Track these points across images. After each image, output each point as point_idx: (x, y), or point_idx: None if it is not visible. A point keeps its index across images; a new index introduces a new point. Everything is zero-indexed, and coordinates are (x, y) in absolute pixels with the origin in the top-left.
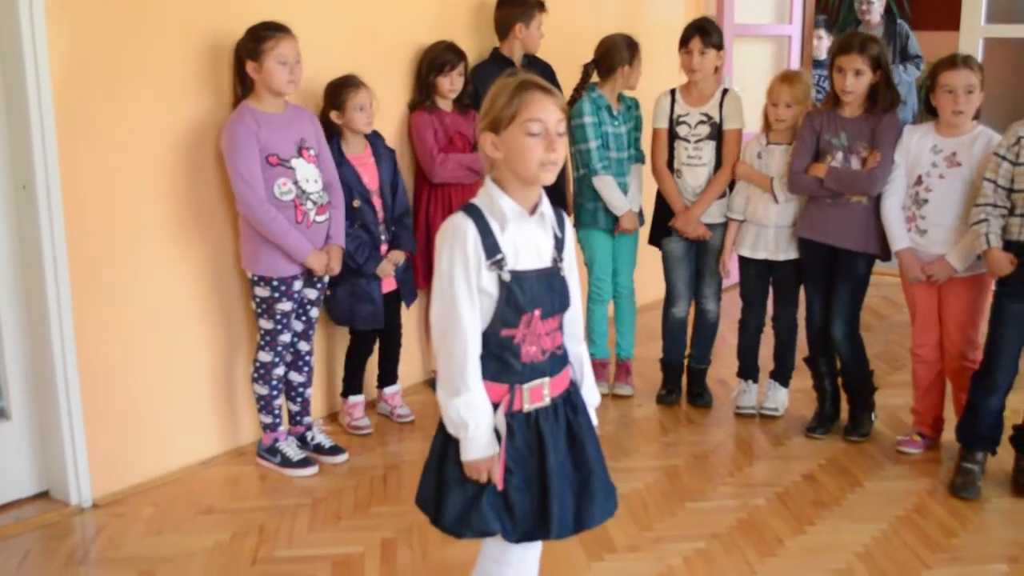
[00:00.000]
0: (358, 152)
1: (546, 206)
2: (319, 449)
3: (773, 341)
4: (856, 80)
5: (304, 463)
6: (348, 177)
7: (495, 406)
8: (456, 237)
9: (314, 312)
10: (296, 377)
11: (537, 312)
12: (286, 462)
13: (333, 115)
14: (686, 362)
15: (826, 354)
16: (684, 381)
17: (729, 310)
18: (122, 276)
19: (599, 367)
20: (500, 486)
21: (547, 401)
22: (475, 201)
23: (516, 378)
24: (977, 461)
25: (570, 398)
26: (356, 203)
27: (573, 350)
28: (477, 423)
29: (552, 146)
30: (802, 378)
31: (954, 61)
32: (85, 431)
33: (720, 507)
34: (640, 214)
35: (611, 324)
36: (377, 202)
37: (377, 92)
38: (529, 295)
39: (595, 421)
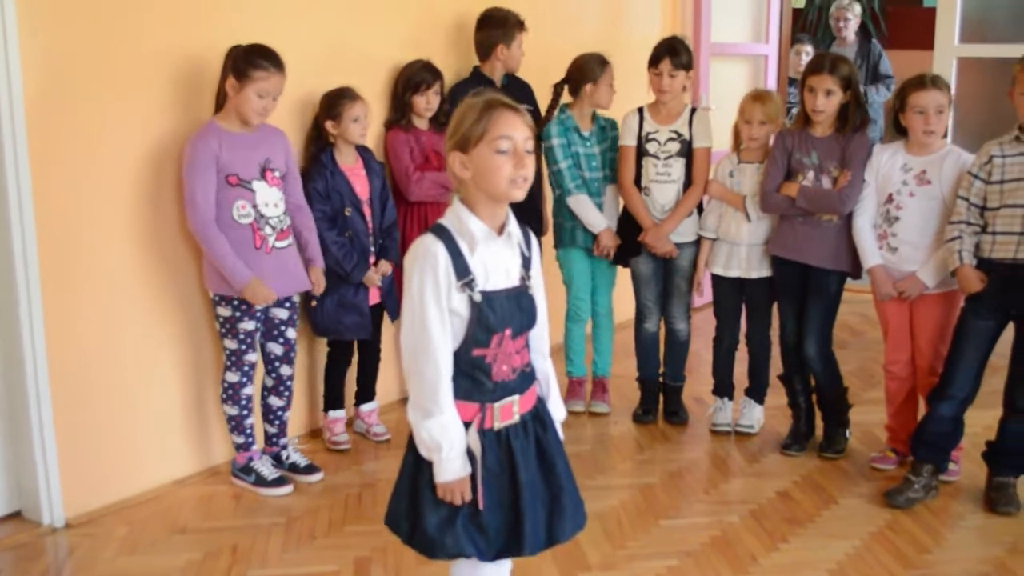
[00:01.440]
0: (350, 163)
1: (513, 225)
2: (294, 468)
3: (747, 359)
4: (827, 100)
5: (279, 482)
6: (341, 186)
7: (467, 425)
8: (427, 260)
9: (291, 333)
10: (276, 401)
11: (508, 331)
12: (260, 481)
13: (328, 125)
14: (661, 380)
15: (800, 371)
16: (660, 399)
17: (704, 328)
18: (94, 295)
19: (576, 385)
20: (481, 505)
21: (516, 418)
22: (443, 222)
23: (487, 397)
24: (920, 474)
25: (539, 414)
26: (348, 211)
27: (540, 366)
28: (451, 444)
29: (521, 163)
30: (778, 395)
31: (923, 82)
32: (58, 450)
33: (694, 524)
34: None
35: (589, 342)
36: (368, 212)
37: (368, 109)
38: (500, 315)
39: (562, 435)
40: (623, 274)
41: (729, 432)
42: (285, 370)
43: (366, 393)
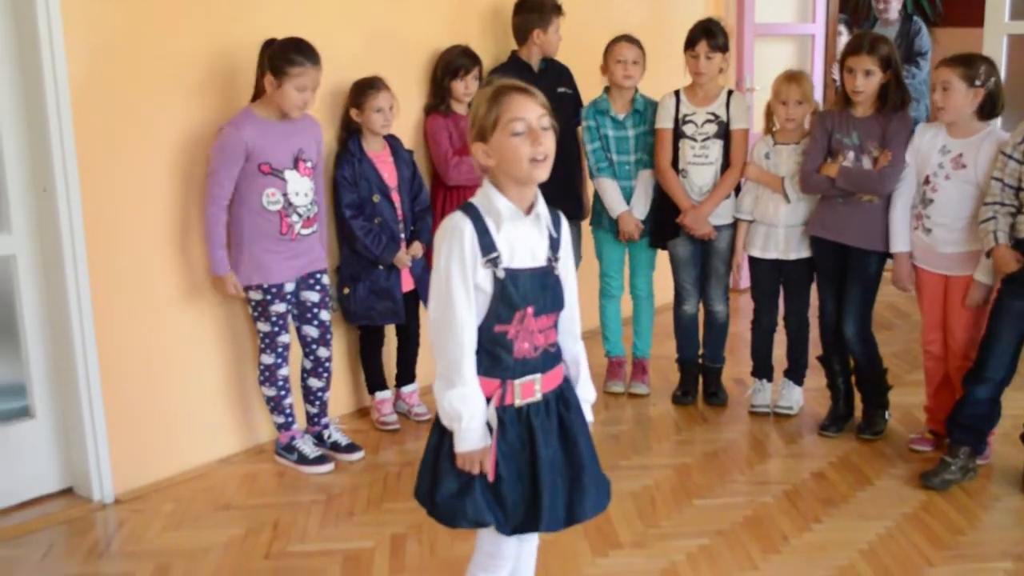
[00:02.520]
0: (377, 150)
1: (541, 207)
2: (336, 447)
3: (786, 340)
4: (866, 80)
5: (320, 460)
6: (368, 173)
7: (487, 400)
8: (454, 235)
9: (324, 315)
10: (315, 383)
11: (530, 309)
12: (302, 459)
13: (353, 113)
14: (700, 361)
15: (839, 352)
16: (700, 381)
17: (745, 309)
18: (139, 277)
19: (615, 365)
20: (492, 477)
21: (538, 396)
22: (473, 201)
23: (508, 373)
24: (957, 456)
25: (563, 394)
26: (376, 198)
27: (569, 348)
28: (471, 415)
29: (538, 140)
30: (817, 377)
31: (941, 60)
32: (107, 429)
33: (727, 504)
34: (646, 221)
35: (629, 324)
36: (396, 198)
37: (394, 99)
38: (522, 292)
39: (591, 417)
40: (663, 257)
41: (768, 413)
42: (323, 352)
43: (406, 375)
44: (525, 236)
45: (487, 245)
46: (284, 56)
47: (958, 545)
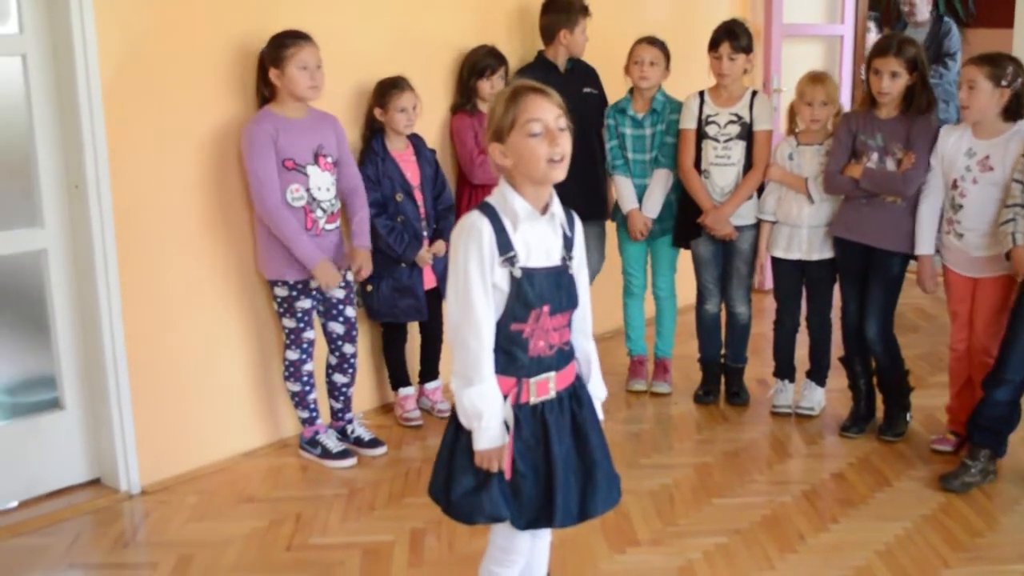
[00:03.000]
0: (400, 149)
1: (556, 207)
2: (359, 442)
3: (808, 341)
4: (892, 82)
5: (343, 455)
6: (391, 172)
7: (503, 398)
8: (471, 235)
9: (349, 311)
10: (340, 379)
11: (546, 308)
12: (326, 454)
13: (377, 112)
14: (723, 361)
15: (861, 354)
16: (722, 380)
17: (769, 309)
18: (167, 273)
19: (636, 364)
20: (508, 475)
21: (553, 394)
22: (489, 200)
23: (523, 372)
24: (977, 458)
25: (576, 392)
26: (399, 196)
27: (581, 346)
28: (491, 413)
29: (555, 141)
30: (839, 378)
31: (967, 59)
32: (135, 422)
33: (746, 503)
34: (660, 220)
35: (652, 324)
36: (419, 197)
37: (420, 94)
38: (538, 291)
39: (601, 415)
40: (684, 257)
41: (789, 414)
42: (348, 348)
43: (430, 372)
44: (541, 236)
45: (504, 244)
46: (277, 44)
47: (976, 547)
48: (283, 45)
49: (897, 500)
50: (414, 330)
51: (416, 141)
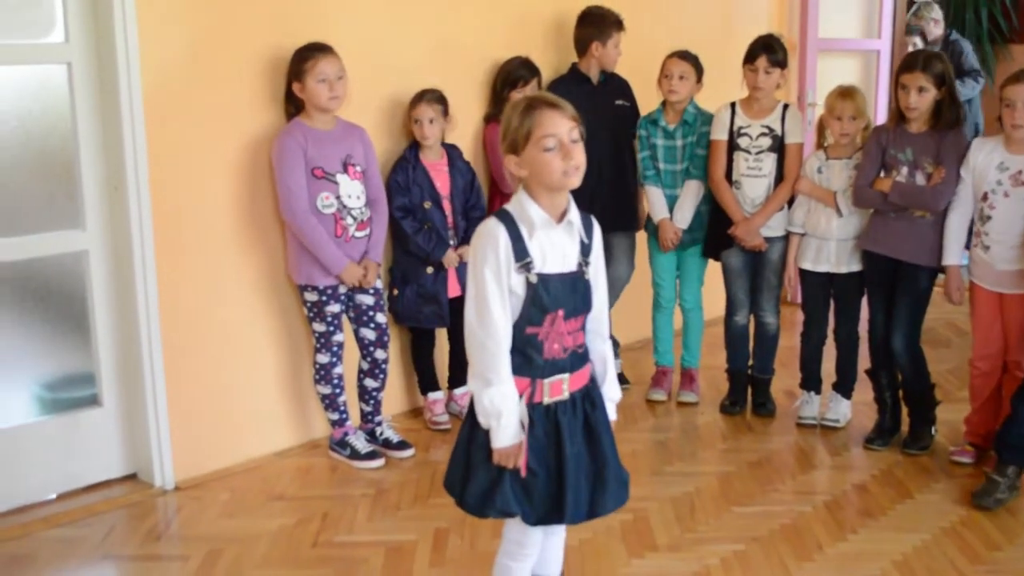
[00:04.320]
0: (433, 159)
1: (573, 214)
2: (387, 444)
3: (835, 353)
4: (919, 97)
5: (371, 456)
6: (421, 180)
7: (519, 397)
8: (488, 241)
9: (380, 317)
10: (371, 383)
11: (560, 312)
12: (355, 455)
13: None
14: (750, 372)
15: (888, 367)
16: (749, 391)
17: (796, 321)
18: (203, 275)
19: (660, 374)
20: (524, 472)
21: (566, 395)
22: (507, 207)
23: (537, 373)
24: (1005, 475)
25: (589, 393)
26: (427, 204)
27: (597, 348)
28: (510, 412)
29: (569, 155)
30: (866, 390)
31: (1017, 75)
32: (170, 420)
33: (766, 512)
34: (692, 231)
35: (680, 335)
36: (447, 207)
37: (455, 104)
38: (553, 296)
39: (614, 416)
40: (712, 269)
41: (815, 425)
42: (380, 354)
43: (458, 377)
44: (557, 242)
45: (520, 251)
46: (297, 57)
47: (994, 560)
48: (302, 59)
49: (918, 512)
50: (442, 336)
51: (452, 152)
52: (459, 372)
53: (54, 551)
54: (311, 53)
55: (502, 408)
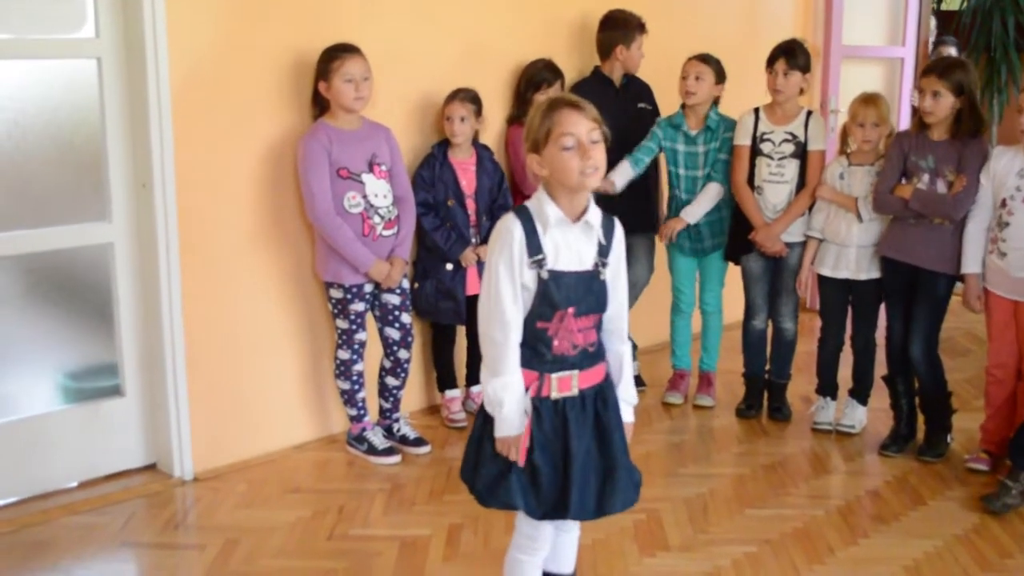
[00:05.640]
0: (461, 158)
1: (592, 215)
2: (404, 440)
3: (852, 360)
4: (934, 102)
5: (388, 452)
6: (446, 177)
7: (525, 390)
8: (503, 236)
9: (405, 317)
10: (392, 381)
11: (571, 310)
12: (372, 450)
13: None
14: (767, 377)
15: (904, 373)
16: (765, 396)
17: (813, 327)
18: (226, 269)
19: (677, 378)
20: (521, 462)
21: (575, 392)
22: (527, 204)
23: (546, 367)
24: (1018, 480)
25: (602, 392)
26: (450, 202)
27: (614, 348)
28: (511, 403)
29: (587, 155)
30: (881, 397)
31: None
32: (190, 411)
33: (778, 515)
34: (697, 227)
35: (698, 339)
36: (471, 206)
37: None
38: (564, 293)
39: (630, 418)
40: (732, 273)
41: (830, 431)
42: (403, 354)
43: (475, 375)
44: (572, 241)
45: (534, 247)
46: (325, 57)
47: (1004, 568)
48: (330, 58)
49: (930, 518)
50: (461, 334)
51: (482, 152)
52: (476, 370)
53: (74, 538)
54: (338, 53)
55: (504, 398)
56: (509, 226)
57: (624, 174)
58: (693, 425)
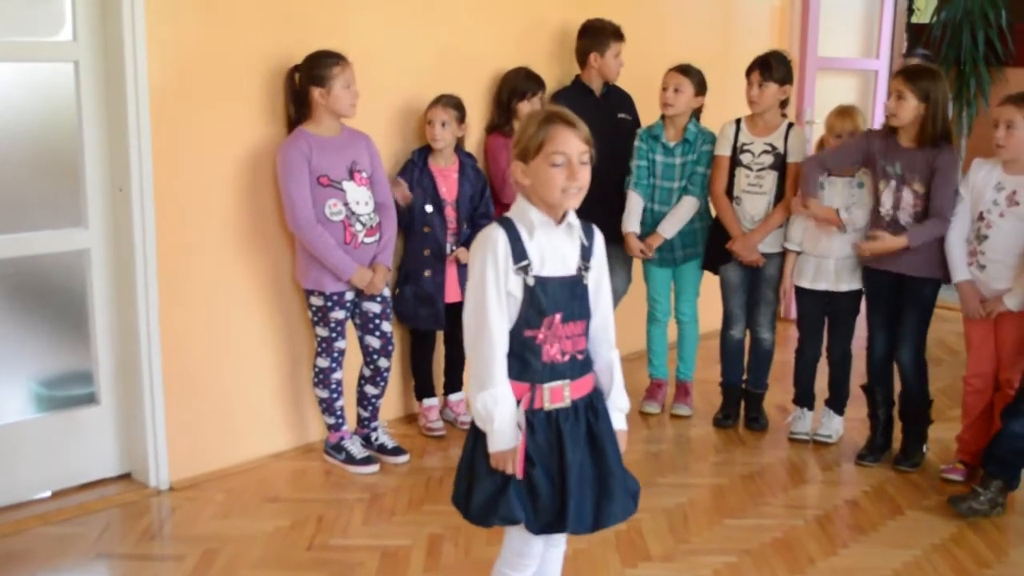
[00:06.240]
0: (442, 165)
1: (573, 218)
2: (382, 449)
3: (828, 370)
4: (898, 103)
5: (366, 461)
6: (425, 183)
7: (517, 402)
8: (488, 245)
9: (386, 326)
10: (371, 390)
11: (558, 316)
12: (350, 459)
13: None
14: (744, 386)
15: (884, 384)
16: (742, 405)
17: (791, 337)
18: (204, 276)
19: (655, 387)
20: (520, 475)
21: (567, 402)
22: (508, 214)
23: (536, 377)
24: (988, 488)
25: (592, 403)
26: (428, 208)
27: (603, 355)
28: (503, 416)
29: (574, 175)
30: (858, 407)
31: (1005, 99)
32: (166, 420)
33: (758, 525)
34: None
35: (674, 349)
36: (451, 214)
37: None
38: (551, 299)
39: (623, 426)
40: (707, 282)
41: (807, 441)
42: (383, 362)
43: (454, 383)
44: (557, 244)
45: (519, 253)
46: (321, 64)
47: None
48: (327, 65)
49: (909, 528)
50: (441, 341)
51: (464, 160)
52: (454, 378)
53: (49, 548)
54: (336, 59)
55: (494, 412)
56: (493, 235)
57: (637, 210)
58: (670, 434)
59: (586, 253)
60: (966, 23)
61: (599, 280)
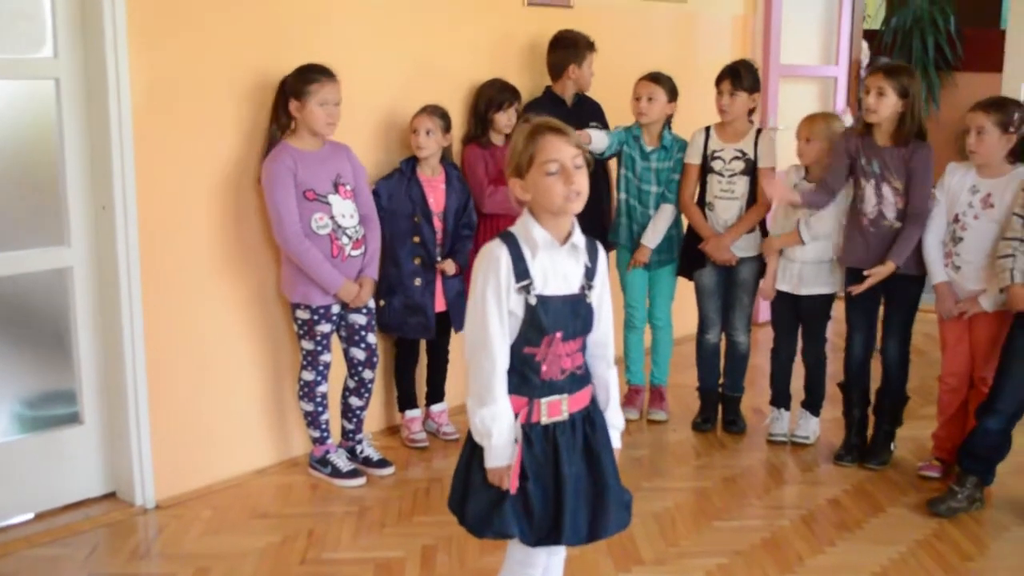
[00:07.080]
0: (429, 175)
1: (578, 237)
2: (367, 462)
3: (804, 373)
4: (878, 100)
5: (353, 474)
6: (414, 194)
7: (515, 415)
8: (490, 262)
9: (371, 338)
10: (356, 402)
11: (559, 334)
12: (336, 473)
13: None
14: (720, 390)
15: (860, 383)
16: (720, 409)
17: (766, 340)
18: (189, 293)
19: (633, 393)
20: (513, 489)
21: (565, 416)
22: (512, 230)
23: (535, 392)
24: (964, 485)
25: (589, 416)
26: (417, 219)
27: (601, 372)
28: (500, 432)
29: (571, 180)
30: (834, 407)
31: (976, 105)
32: (151, 438)
33: (745, 526)
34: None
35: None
36: (438, 224)
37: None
38: (552, 318)
39: (618, 444)
40: (682, 287)
41: (785, 442)
42: (367, 374)
43: (436, 394)
44: (560, 264)
45: (521, 272)
46: (302, 77)
47: (967, 571)
48: (307, 80)
49: (891, 525)
50: (424, 353)
51: (450, 170)
52: (436, 389)
53: (35, 571)
54: (317, 76)
55: (492, 428)
56: (496, 252)
57: (600, 140)
58: (650, 439)
59: (590, 272)
60: (916, 29)
61: (601, 297)
